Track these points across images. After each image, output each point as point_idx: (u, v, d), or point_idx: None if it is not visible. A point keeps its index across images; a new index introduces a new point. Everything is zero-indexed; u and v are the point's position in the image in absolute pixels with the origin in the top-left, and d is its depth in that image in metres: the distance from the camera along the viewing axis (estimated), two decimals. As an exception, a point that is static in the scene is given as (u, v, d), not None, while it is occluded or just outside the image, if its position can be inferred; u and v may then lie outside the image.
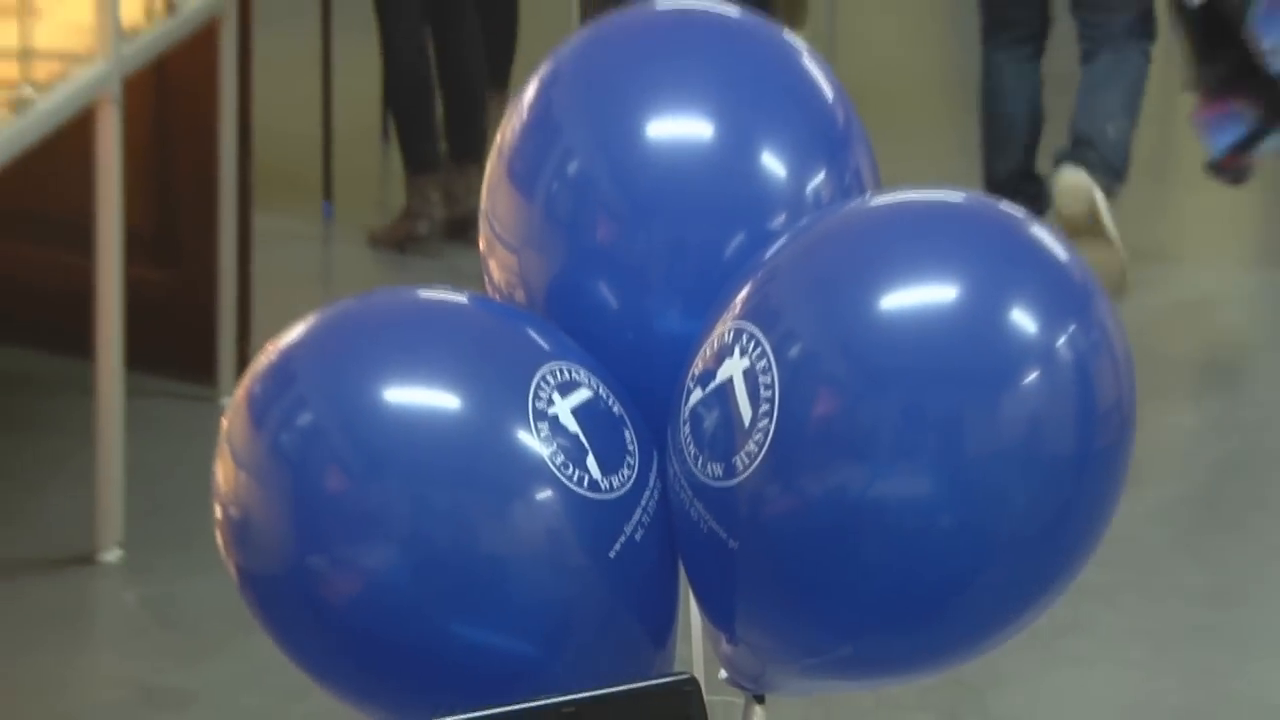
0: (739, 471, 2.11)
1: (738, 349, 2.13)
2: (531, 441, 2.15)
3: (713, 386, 2.14)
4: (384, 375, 2.20)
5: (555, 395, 2.18)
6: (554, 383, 2.19)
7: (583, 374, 2.22)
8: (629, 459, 2.21)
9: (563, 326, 2.28)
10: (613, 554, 2.18)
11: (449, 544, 2.14)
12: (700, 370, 2.17)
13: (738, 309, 2.16)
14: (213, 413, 2.45)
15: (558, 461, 2.15)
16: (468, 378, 2.20)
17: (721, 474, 2.12)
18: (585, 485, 2.16)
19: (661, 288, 2.28)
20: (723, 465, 2.12)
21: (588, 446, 2.17)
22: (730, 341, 2.14)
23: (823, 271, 2.16)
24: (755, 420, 2.09)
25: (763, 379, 2.10)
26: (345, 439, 2.16)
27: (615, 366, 2.26)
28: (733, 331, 2.14)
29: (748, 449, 2.10)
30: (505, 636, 2.16)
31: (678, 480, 2.19)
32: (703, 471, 2.15)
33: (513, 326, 2.29)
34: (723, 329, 2.16)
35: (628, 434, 2.22)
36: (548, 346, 2.24)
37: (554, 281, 2.32)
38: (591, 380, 2.23)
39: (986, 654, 2.16)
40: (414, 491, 2.14)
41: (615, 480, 2.19)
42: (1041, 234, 2.17)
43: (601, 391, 2.23)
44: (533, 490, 2.15)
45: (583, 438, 2.17)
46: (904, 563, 2.08)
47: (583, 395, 2.20)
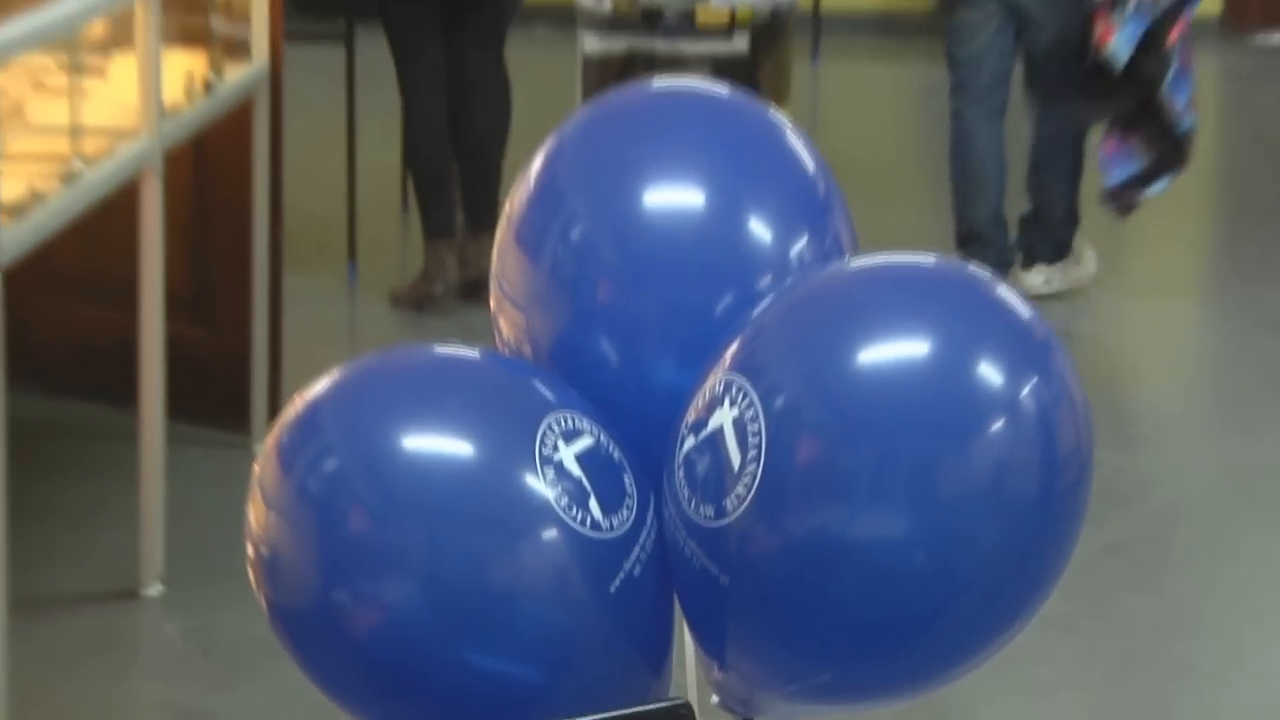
0: (729, 513, 2.10)
1: (727, 399, 2.12)
2: (538, 485, 2.15)
3: (705, 434, 2.14)
4: (403, 424, 2.20)
5: (560, 442, 2.18)
6: (559, 430, 2.19)
7: (585, 422, 2.22)
8: (628, 501, 2.20)
9: (566, 379, 2.28)
10: (613, 588, 2.17)
11: (463, 580, 2.13)
12: (693, 419, 2.17)
13: (727, 362, 2.15)
14: (246, 458, 2.44)
15: (562, 503, 2.15)
16: (479, 426, 2.20)
17: (713, 515, 2.12)
18: (588, 525, 2.16)
19: (657, 343, 2.28)
20: (714, 507, 2.12)
21: (590, 489, 2.17)
22: (721, 392, 2.13)
23: (805, 328, 2.16)
24: (744, 465, 2.09)
25: (750, 427, 2.09)
26: (367, 483, 2.15)
27: (615, 415, 2.26)
28: (723, 383, 2.14)
29: (737, 492, 2.09)
30: (514, 664, 2.15)
31: (673, 521, 2.18)
32: (695, 513, 2.14)
33: (520, 379, 2.29)
34: (714, 381, 2.16)
35: (627, 478, 2.22)
36: (552, 397, 2.23)
37: (558, 338, 2.31)
38: (593, 428, 2.22)
39: (957, 680, 2.15)
40: (430, 531, 2.14)
41: (615, 520, 2.18)
42: (1005, 294, 2.17)
43: (602, 438, 2.22)
44: (539, 530, 2.14)
45: (585, 481, 2.17)
46: (880, 597, 2.07)
47: (585, 442, 2.20)
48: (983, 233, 6.30)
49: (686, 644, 2.29)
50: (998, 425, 2.07)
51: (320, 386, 2.25)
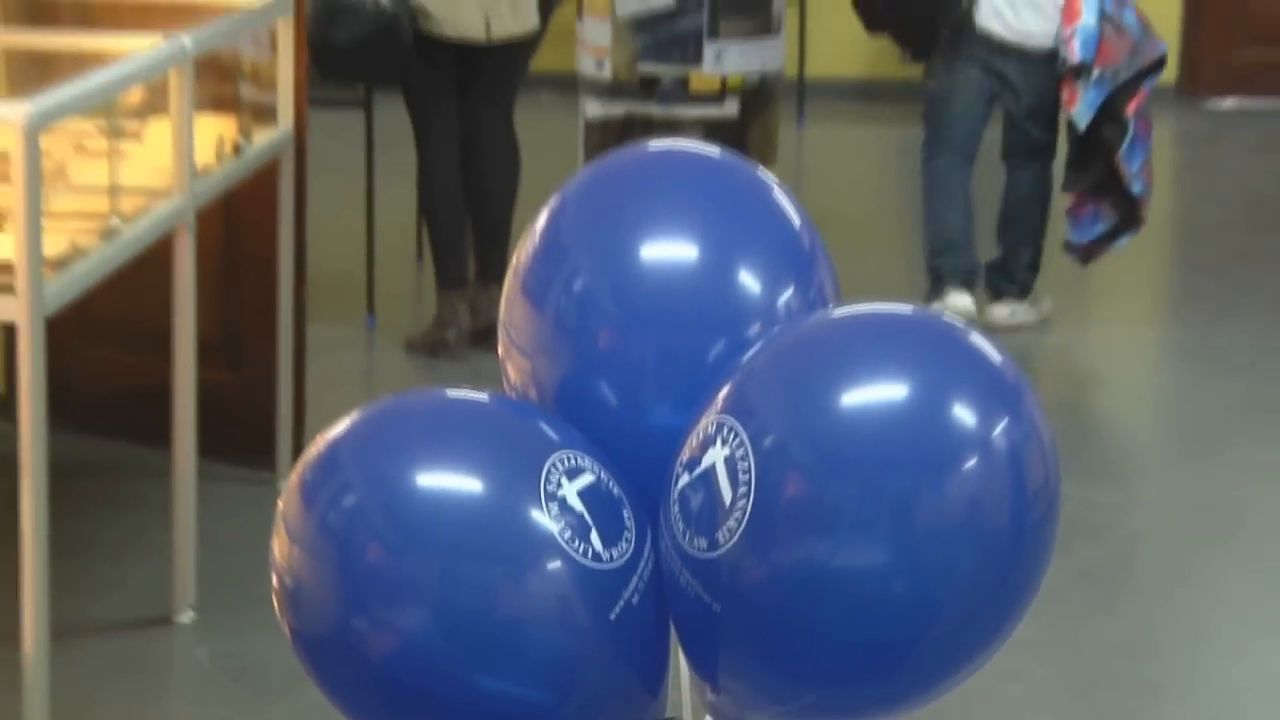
0: (721, 545, 2.10)
1: (719, 439, 2.12)
2: (543, 519, 2.15)
3: (698, 471, 2.14)
4: (417, 462, 2.20)
5: (563, 479, 2.18)
6: (562, 468, 2.18)
7: (587, 461, 2.21)
8: (627, 534, 2.20)
9: (570, 420, 2.27)
10: (613, 616, 2.17)
11: (473, 608, 2.13)
12: (687, 457, 2.16)
13: (719, 405, 2.15)
14: (271, 494, 2.44)
15: (566, 536, 2.14)
16: (488, 464, 2.20)
17: (706, 547, 2.11)
18: (589, 557, 2.15)
19: (654, 387, 2.27)
20: (707, 539, 2.11)
21: (591, 523, 2.16)
22: (713, 433, 2.13)
23: (792, 373, 2.15)
24: (735, 500, 2.08)
25: (741, 465, 2.09)
26: (383, 517, 2.15)
27: (615, 454, 2.26)
28: (715, 424, 2.14)
29: (728, 525, 2.09)
30: (521, 687, 2.14)
31: (668, 552, 2.18)
32: (690, 545, 2.13)
33: (526, 420, 2.29)
34: (707, 422, 2.15)
35: (626, 512, 2.21)
36: (556, 437, 2.23)
37: (562, 382, 2.31)
38: (594, 466, 2.22)
39: (934, 700, 2.15)
40: (443, 562, 2.13)
41: (615, 552, 2.18)
42: (978, 340, 2.17)
43: (603, 475, 2.22)
44: (544, 561, 2.14)
45: (587, 516, 2.16)
46: (863, 623, 2.07)
47: (587, 479, 2.20)
48: (955, 240, 6.38)
49: (681, 667, 2.28)
50: (972, 463, 2.06)
51: (340, 428, 2.25)
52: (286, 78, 4.93)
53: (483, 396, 2.33)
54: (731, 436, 2.11)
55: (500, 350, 2.40)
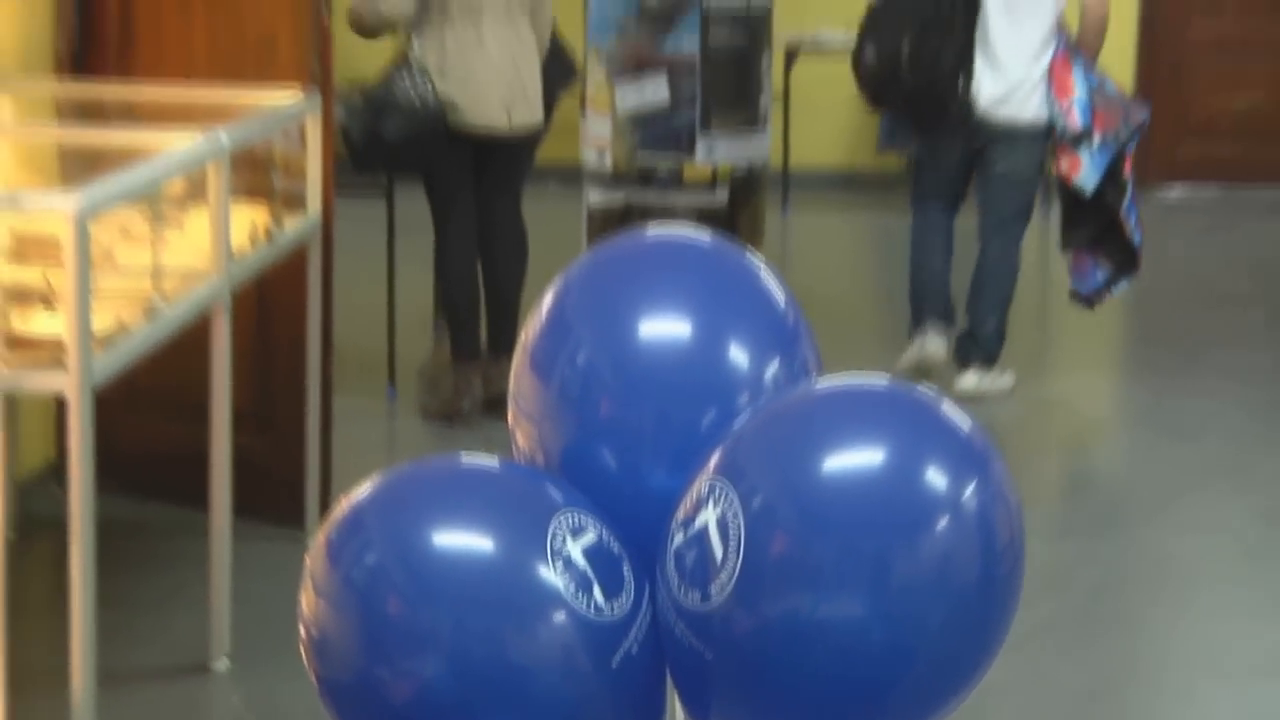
0: (713, 598, 2.09)
1: (712, 500, 2.12)
2: (549, 575, 2.14)
3: (692, 530, 2.13)
4: (433, 522, 2.20)
5: (568, 537, 2.17)
6: (567, 527, 2.18)
7: (589, 520, 2.21)
8: (626, 588, 2.19)
9: (573, 483, 2.27)
10: (614, 664, 2.17)
11: (485, 657, 2.13)
12: (682, 517, 2.16)
13: (711, 469, 2.15)
14: (300, 551, 2.43)
15: (570, 590, 2.14)
16: (498, 524, 2.20)
17: (699, 600, 2.11)
18: (592, 610, 2.15)
19: (651, 452, 2.27)
20: (700, 593, 2.11)
21: (593, 578, 2.16)
22: (706, 494, 2.13)
23: (779, 439, 2.15)
24: (726, 557, 2.08)
25: (732, 524, 2.08)
26: (402, 573, 2.15)
27: (615, 514, 2.25)
28: (708, 486, 2.13)
29: (720, 580, 2.08)
30: (530, 729, 2.13)
31: (665, 605, 2.17)
32: (684, 598, 2.13)
33: (534, 483, 2.28)
34: (700, 484, 2.15)
35: (625, 568, 2.21)
36: (561, 498, 2.23)
37: (566, 447, 2.31)
38: (596, 525, 2.21)
39: (910, 742, 2.13)
40: (457, 615, 2.13)
41: (615, 605, 2.17)
42: (949, 410, 2.17)
43: (604, 534, 2.21)
44: (550, 613, 2.14)
45: (589, 571, 2.16)
46: (844, 670, 2.06)
47: (589, 537, 2.19)
48: (933, 284, 6.41)
49: (677, 711, 2.27)
50: (943, 523, 2.06)
51: (363, 490, 2.25)
52: (315, 169, 4.94)
53: (493, 461, 2.33)
54: (723, 498, 2.10)
55: (510, 419, 2.40)
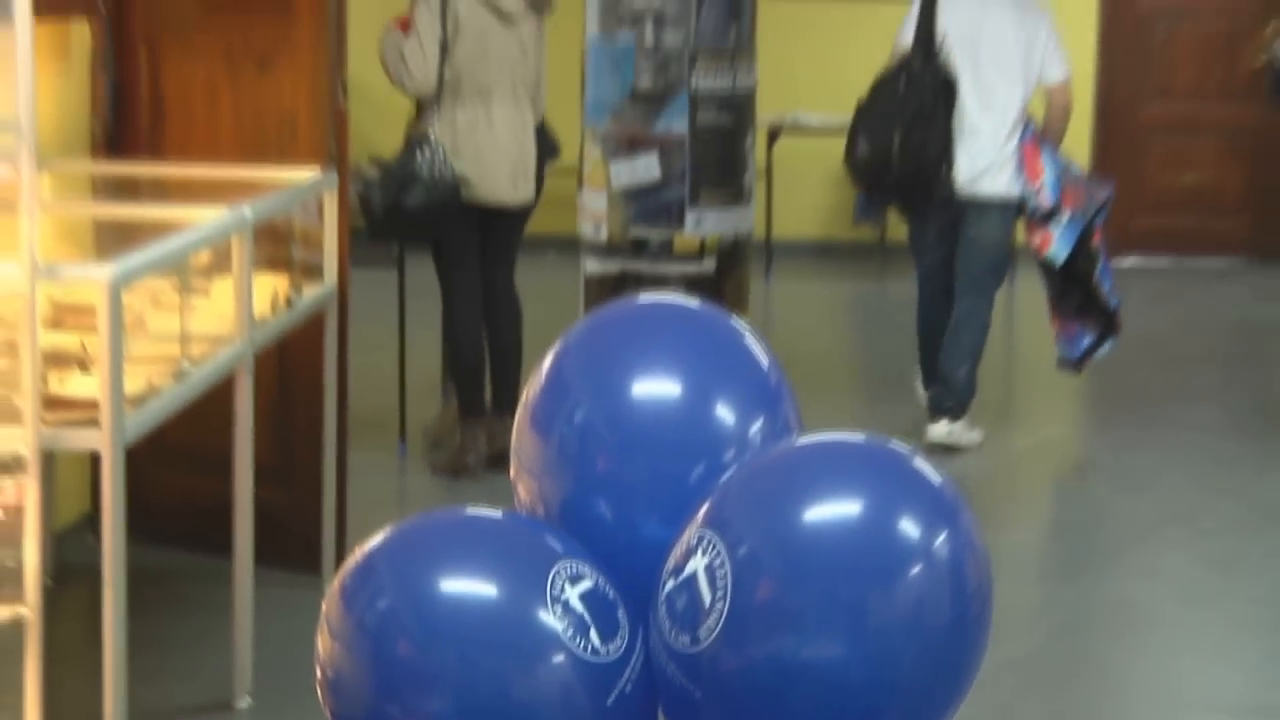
0: (702, 641, 2.08)
1: (700, 549, 2.11)
2: (549, 619, 2.13)
3: (682, 577, 2.12)
4: (441, 570, 2.19)
5: (566, 584, 2.16)
6: (565, 575, 2.17)
7: (586, 568, 2.20)
8: (621, 631, 2.18)
9: (572, 533, 2.26)
10: (609, 702, 2.15)
11: (489, 695, 2.12)
12: (673, 565, 2.15)
13: (700, 520, 2.14)
14: (317, 597, 2.41)
15: (568, 634, 2.13)
16: (502, 572, 2.19)
17: (689, 643, 2.10)
18: (589, 652, 2.14)
19: (644, 505, 2.26)
20: (690, 636, 2.10)
21: (590, 622, 2.15)
22: (695, 544, 2.12)
23: (763, 492, 2.15)
24: (714, 602, 2.07)
25: (719, 572, 2.07)
26: (412, 617, 2.14)
27: (610, 562, 2.24)
28: (697, 536, 2.12)
29: (708, 624, 2.07)
30: (531, 764, 2.12)
31: (657, 647, 2.16)
32: (675, 641, 2.12)
33: (534, 534, 2.27)
34: (689, 534, 2.14)
35: (620, 613, 2.20)
36: (560, 548, 2.22)
37: (565, 500, 2.30)
38: (593, 573, 2.20)
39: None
40: (463, 656, 2.12)
41: (611, 647, 2.16)
42: (921, 464, 2.16)
43: (600, 581, 2.20)
44: (550, 655, 2.13)
45: (587, 616, 2.15)
46: (824, 707, 2.05)
47: (587, 584, 2.18)
48: (932, 369, 6.56)
49: (669, 746, 2.26)
50: (917, 569, 2.05)
51: (376, 540, 2.24)
52: (332, 241, 4.95)
53: (497, 513, 2.32)
54: (711, 547, 2.09)
55: (512, 473, 2.39)
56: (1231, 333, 8.81)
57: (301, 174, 4.82)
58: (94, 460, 4.10)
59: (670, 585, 2.14)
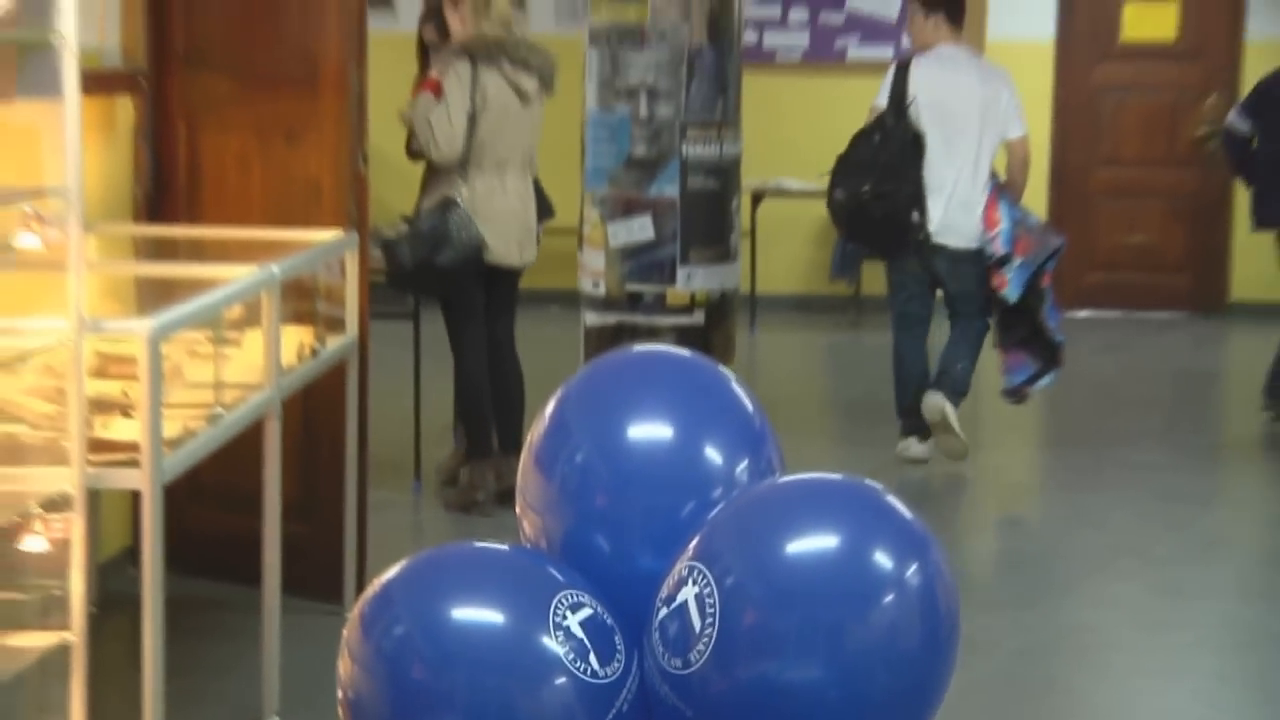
0: (693, 664, 2.07)
1: (691, 580, 2.10)
2: (552, 644, 2.12)
3: (674, 605, 2.12)
4: (452, 599, 2.18)
5: (568, 612, 2.15)
6: (567, 603, 2.16)
7: (586, 597, 2.19)
8: (618, 655, 2.17)
9: (572, 565, 2.26)
10: (608, 720, 2.14)
11: (497, 715, 2.11)
12: (665, 594, 2.14)
13: (690, 553, 2.14)
14: (339, 624, 2.40)
15: (570, 658, 2.12)
16: (508, 601, 2.18)
17: (681, 665, 2.09)
18: (588, 674, 2.13)
19: (639, 539, 2.26)
20: (681, 659, 2.09)
21: (590, 647, 2.14)
22: (686, 575, 2.11)
23: (748, 527, 2.14)
24: (703, 629, 2.06)
25: (708, 600, 2.07)
26: (426, 642, 2.13)
27: (608, 592, 2.23)
28: (687, 568, 2.12)
29: (698, 648, 2.07)
30: (534, 778, 2.11)
31: (651, 670, 2.15)
32: (668, 664, 2.11)
33: (538, 566, 2.27)
34: (681, 566, 2.13)
35: (617, 638, 2.19)
36: (562, 579, 2.21)
37: (566, 534, 2.29)
38: (592, 601, 2.20)
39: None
40: (472, 678, 2.11)
41: (609, 670, 2.15)
42: (894, 501, 2.16)
43: (599, 609, 2.20)
44: (553, 677, 2.12)
45: (586, 641, 2.14)
46: (805, 725, 2.04)
47: (586, 612, 2.18)
48: (914, 408, 6.72)
49: (662, 761, 2.24)
50: (890, 597, 2.05)
51: (393, 571, 2.23)
52: (353, 296, 4.95)
53: (504, 547, 2.31)
54: (700, 578, 2.09)
55: (518, 509, 2.38)
56: (1175, 379, 8.81)
57: (325, 235, 4.83)
58: (135, 498, 4.08)
59: (663, 612, 2.13)
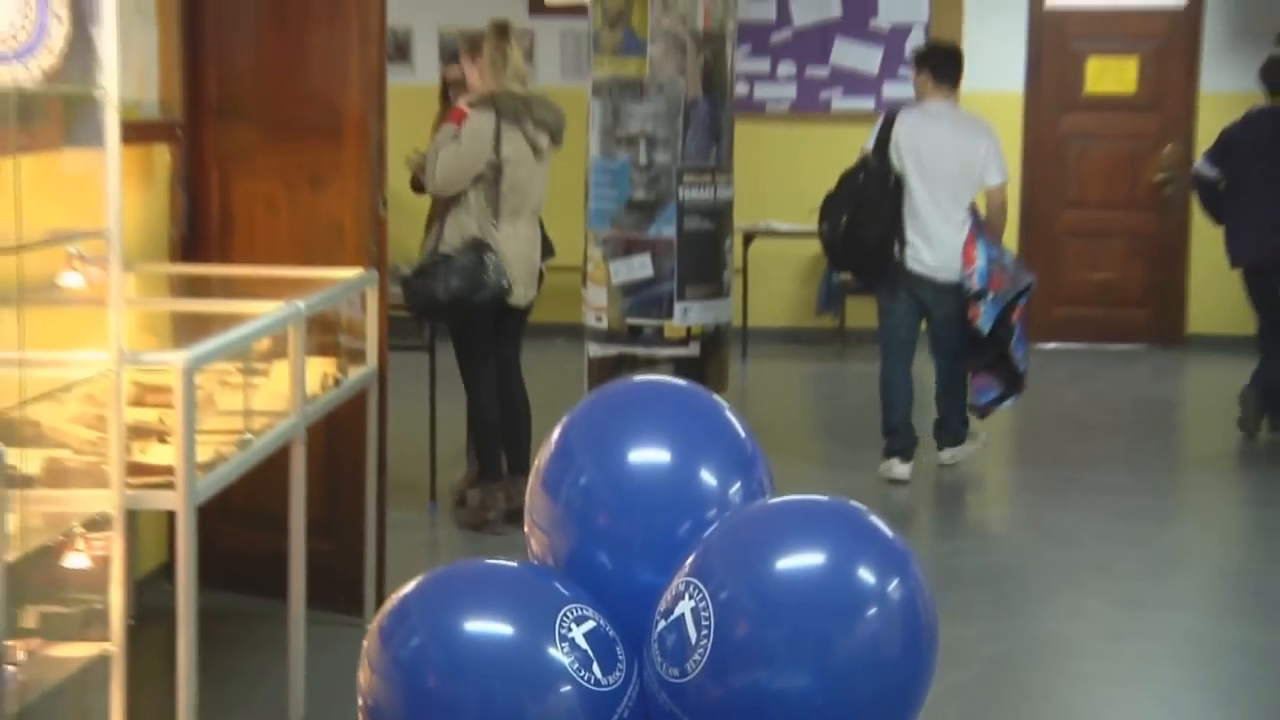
0: (689, 673, 2.07)
1: (687, 595, 2.10)
2: (558, 654, 2.12)
3: (672, 618, 2.11)
4: (465, 612, 2.17)
5: (573, 625, 2.15)
6: (572, 616, 2.16)
7: (590, 611, 2.19)
8: (619, 665, 2.16)
9: (577, 580, 2.25)
10: (610, 726, 2.13)
11: (506, 721, 2.10)
12: (663, 608, 2.14)
13: (687, 569, 2.13)
14: (359, 635, 2.39)
15: (574, 667, 2.11)
16: (517, 614, 2.17)
17: (678, 675, 2.08)
18: (592, 683, 2.12)
19: (639, 556, 2.25)
20: (679, 669, 2.08)
21: (593, 657, 2.13)
22: (682, 590, 2.11)
23: (741, 545, 2.13)
24: (699, 640, 2.06)
25: (703, 614, 2.06)
26: (440, 654, 2.12)
27: (610, 605, 2.23)
28: (684, 583, 2.11)
29: (695, 658, 2.06)
30: (541, 780, 2.10)
31: (650, 679, 2.14)
32: (666, 673, 2.10)
33: (545, 581, 2.26)
34: (678, 582, 2.13)
35: (619, 648, 2.18)
36: (567, 593, 2.20)
37: (571, 552, 2.29)
38: (595, 614, 2.19)
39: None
40: (484, 687, 2.11)
41: (611, 679, 2.14)
42: (877, 520, 2.15)
43: (602, 621, 2.19)
44: (559, 686, 2.11)
45: (590, 652, 2.14)
46: (795, 730, 2.03)
47: (590, 624, 2.17)
48: (897, 429, 6.88)
49: (661, 764, 2.23)
50: (873, 610, 2.04)
51: (410, 586, 2.23)
52: (373, 330, 4.96)
53: (513, 563, 2.31)
54: (696, 593, 2.08)
55: (526, 528, 2.38)
56: (1136, 407, 8.81)
57: (347, 273, 4.83)
58: (170, 518, 4.08)
59: (661, 625, 2.12)
